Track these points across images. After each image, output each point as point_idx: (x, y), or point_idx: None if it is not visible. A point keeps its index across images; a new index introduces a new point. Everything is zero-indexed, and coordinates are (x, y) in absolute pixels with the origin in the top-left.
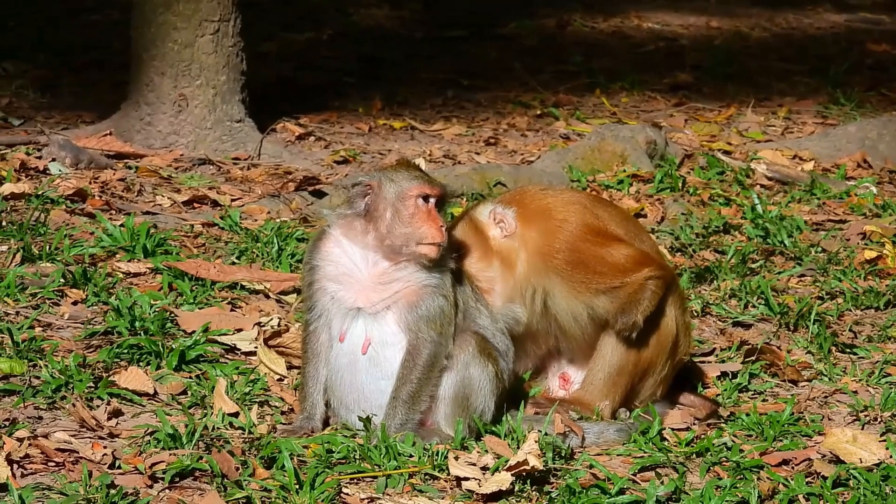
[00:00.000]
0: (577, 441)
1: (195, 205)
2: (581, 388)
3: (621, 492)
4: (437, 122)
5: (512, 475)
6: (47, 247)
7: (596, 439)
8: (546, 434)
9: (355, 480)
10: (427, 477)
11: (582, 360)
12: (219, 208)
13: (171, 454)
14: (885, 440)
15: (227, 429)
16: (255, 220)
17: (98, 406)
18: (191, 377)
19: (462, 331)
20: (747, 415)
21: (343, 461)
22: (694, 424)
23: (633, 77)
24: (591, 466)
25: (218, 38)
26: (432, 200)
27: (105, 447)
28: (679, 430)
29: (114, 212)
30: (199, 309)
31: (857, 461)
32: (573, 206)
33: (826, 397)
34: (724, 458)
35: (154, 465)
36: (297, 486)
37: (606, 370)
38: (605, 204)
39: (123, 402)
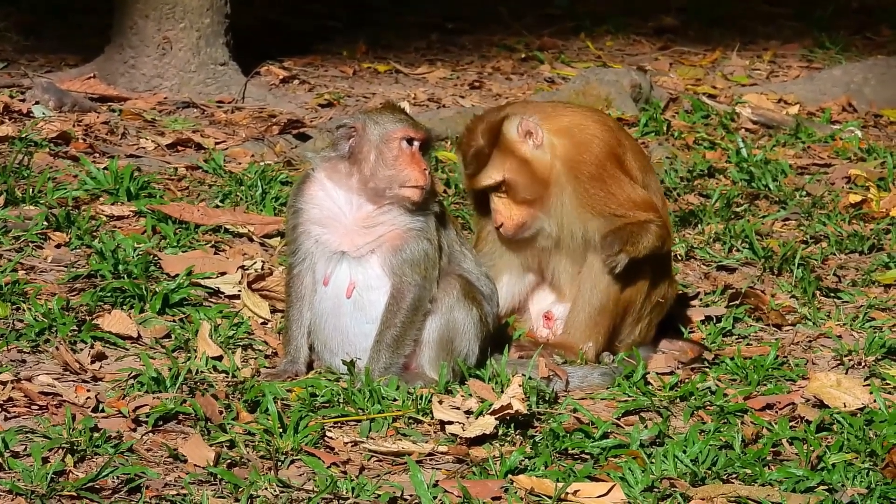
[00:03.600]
0: (561, 385)
1: (179, 148)
2: (564, 331)
3: (605, 436)
4: (421, 66)
5: (496, 419)
6: (31, 190)
7: (580, 383)
8: (530, 378)
9: (339, 424)
10: (411, 421)
11: (565, 293)
12: (203, 151)
13: (154, 398)
14: (868, 384)
15: (210, 372)
16: (239, 164)
17: (81, 349)
18: (174, 320)
19: (446, 274)
20: (731, 359)
21: (327, 405)
22: (678, 368)
23: (617, 20)
24: (574, 410)
25: None
26: (416, 144)
27: (88, 390)
28: (663, 374)
29: (97, 155)
30: (183, 252)
31: (840, 405)
32: (601, 125)
33: (810, 341)
34: (708, 403)
35: (138, 408)
36: (280, 430)
37: (587, 310)
38: (624, 132)
39: (107, 345)
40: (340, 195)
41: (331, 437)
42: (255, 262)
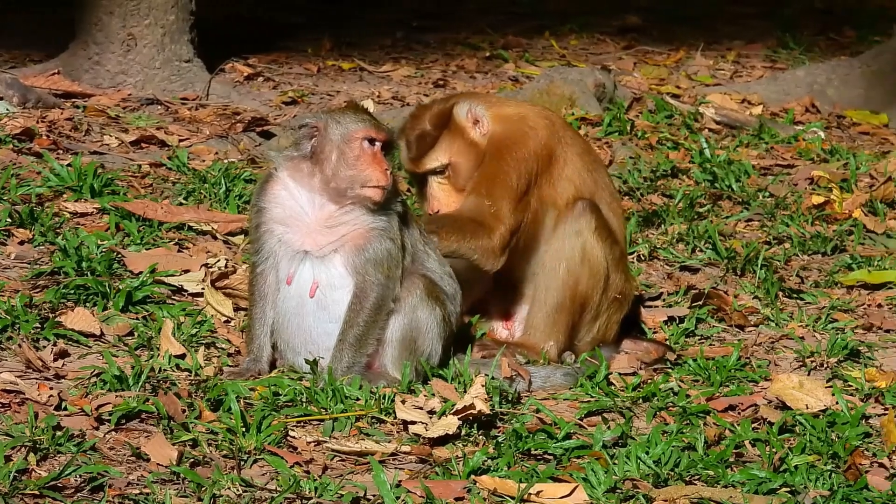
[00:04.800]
0: (523, 385)
1: (143, 145)
2: (524, 331)
3: (568, 436)
4: (385, 64)
5: (459, 419)
6: None
7: (543, 383)
8: (493, 378)
9: (302, 423)
10: (374, 420)
11: (522, 294)
12: (166, 148)
13: (117, 396)
14: (831, 386)
15: (173, 371)
16: (203, 161)
17: (44, 347)
18: (137, 318)
19: (410, 274)
20: (694, 360)
21: (290, 404)
22: (641, 369)
23: (582, 19)
24: (537, 411)
25: None
26: (378, 144)
27: (51, 388)
28: (626, 374)
29: (61, 151)
30: (146, 250)
31: (803, 407)
32: (543, 119)
33: (772, 343)
34: (671, 404)
35: (100, 406)
36: (243, 429)
37: (545, 310)
38: (570, 129)
39: (70, 342)
40: (303, 194)
41: (294, 437)
42: (219, 260)
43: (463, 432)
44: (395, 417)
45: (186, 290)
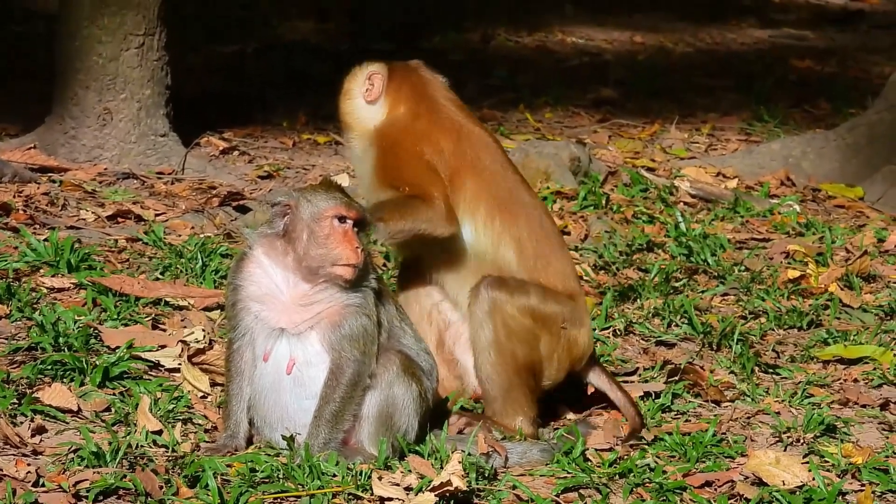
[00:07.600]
0: (500, 461)
1: (119, 219)
2: (489, 413)
3: None
4: None
5: (436, 496)
6: None
7: (519, 459)
8: (469, 454)
9: (279, 500)
10: (351, 497)
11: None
12: (143, 223)
13: (94, 472)
14: (807, 462)
15: (150, 447)
16: (179, 236)
17: (22, 423)
18: (114, 394)
19: (386, 350)
20: (670, 435)
21: (266, 480)
22: (617, 445)
23: (557, 92)
24: (514, 487)
25: (143, 52)
26: (349, 222)
27: (29, 465)
28: (602, 450)
29: (38, 226)
30: (123, 325)
31: (779, 483)
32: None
33: (749, 418)
34: (647, 480)
35: (78, 483)
36: None
37: (499, 393)
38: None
39: (47, 418)
40: (277, 273)
41: None
42: (195, 336)
43: None
44: (372, 494)
45: (163, 366)
